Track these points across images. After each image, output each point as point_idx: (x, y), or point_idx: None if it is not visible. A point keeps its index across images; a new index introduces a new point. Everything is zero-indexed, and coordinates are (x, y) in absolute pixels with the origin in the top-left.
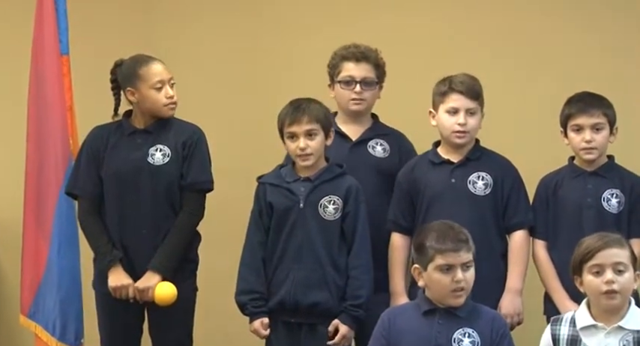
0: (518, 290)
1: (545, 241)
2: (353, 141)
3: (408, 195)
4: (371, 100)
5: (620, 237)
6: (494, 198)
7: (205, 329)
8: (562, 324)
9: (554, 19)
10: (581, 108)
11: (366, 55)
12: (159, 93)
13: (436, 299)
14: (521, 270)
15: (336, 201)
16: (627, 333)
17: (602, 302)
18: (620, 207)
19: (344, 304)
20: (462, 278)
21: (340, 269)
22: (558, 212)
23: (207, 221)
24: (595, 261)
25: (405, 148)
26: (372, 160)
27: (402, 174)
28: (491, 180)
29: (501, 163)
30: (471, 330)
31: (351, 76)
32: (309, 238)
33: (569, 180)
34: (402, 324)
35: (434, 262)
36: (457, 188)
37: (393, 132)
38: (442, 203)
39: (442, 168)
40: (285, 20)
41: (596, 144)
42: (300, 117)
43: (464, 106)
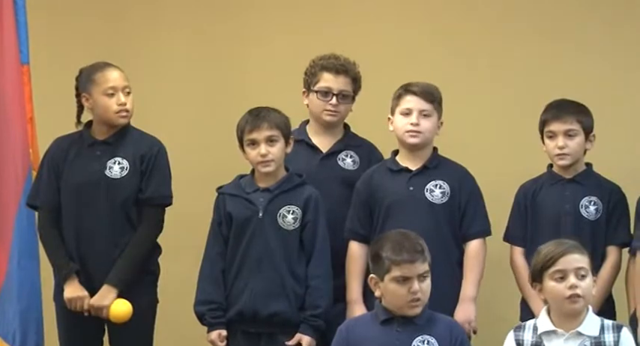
0: (471, 299)
1: (522, 248)
2: (323, 154)
3: (366, 203)
4: (344, 113)
5: (578, 243)
6: (451, 207)
7: (165, 339)
8: (525, 331)
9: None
10: (555, 114)
11: (346, 68)
12: (110, 100)
13: (393, 309)
14: (475, 279)
15: (295, 210)
16: (585, 339)
17: (566, 307)
18: (598, 214)
19: (304, 314)
20: (418, 289)
21: (299, 279)
22: (537, 218)
23: (167, 231)
24: (557, 267)
25: (375, 160)
26: (342, 172)
27: (360, 182)
28: (449, 188)
29: (459, 172)
30: (430, 337)
31: (329, 88)
32: (268, 248)
33: (548, 187)
34: (360, 334)
35: (390, 273)
36: (414, 196)
37: (364, 143)
38: (400, 211)
39: (400, 176)
40: (246, 31)
41: (569, 150)
42: (260, 124)
43: (417, 107)
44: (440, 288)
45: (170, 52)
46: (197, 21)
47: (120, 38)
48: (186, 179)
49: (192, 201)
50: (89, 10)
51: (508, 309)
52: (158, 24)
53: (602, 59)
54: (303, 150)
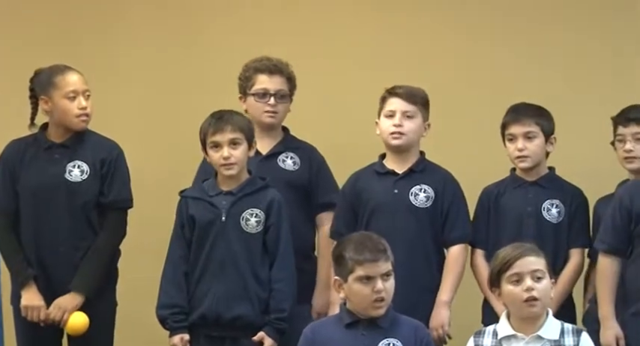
0: (446, 303)
1: (484, 250)
2: (263, 155)
3: (352, 205)
4: (283, 113)
5: (534, 246)
6: (434, 211)
7: (126, 343)
8: (485, 336)
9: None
10: (514, 117)
11: (280, 68)
12: (71, 103)
13: (357, 310)
14: (453, 284)
15: (258, 213)
16: (545, 342)
17: (524, 311)
18: (560, 217)
19: (268, 317)
20: (382, 288)
21: (263, 282)
22: (500, 221)
23: (130, 235)
24: (514, 270)
25: (315, 161)
26: (282, 174)
27: (346, 185)
28: (433, 192)
29: (443, 177)
30: (395, 340)
31: (265, 89)
32: (231, 251)
33: (511, 189)
34: (324, 337)
35: (354, 273)
36: (399, 199)
37: (303, 145)
38: (383, 213)
39: (386, 179)
40: (205, 34)
41: (528, 152)
42: (223, 127)
43: (400, 109)
44: (419, 291)
45: (128, 54)
46: (154, 23)
47: (74, 40)
48: (148, 183)
49: (154, 204)
50: (45, 13)
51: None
52: (114, 26)
53: (566, 62)
54: None
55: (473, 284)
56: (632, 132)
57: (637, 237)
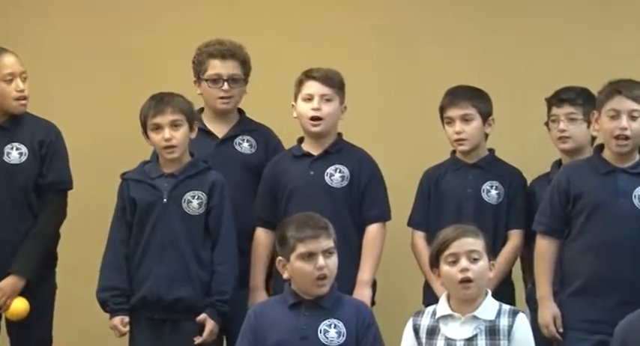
0: (367, 282)
1: (424, 232)
2: (219, 139)
3: (271, 189)
4: (238, 97)
5: (475, 227)
6: (351, 191)
7: (66, 326)
8: (424, 316)
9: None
10: (451, 100)
11: (233, 52)
12: (9, 86)
13: (301, 289)
14: (373, 263)
15: (200, 195)
16: (480, 322)
17: (459, 292)
18: (500, 198)
19: (210, 299)
20: (324, 264)
21: (204, 264)
22: (440, 203)
23: (70, 217)
24: (450, 251)
25: (272, 144)
26: (239, 157)
27: (266, 169)
28: (348, 172)
29: (359, 156)
30: (337, 321)
31: (218, 74)
32: (172, 233)
33: (451, 172)
34: (268, 319)
35: (295, 251)
36: (315, 180)
37: (260, 127)
38: (301, 195)
39: (302, 161)
40: (144, 15)
41: (466, 135)
42: (164, 108)
43: (318, 92)
44: (339, 272)
45: (66, 36)
46: (93, 4)
47: (12, 22)
48: (89, 165)
49: (95, 186)
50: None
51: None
52: (51, 5)
53: (504, 43)
54: (199, 137)
55: (414, 266)
56: (565, 112)
57: (574, 217)
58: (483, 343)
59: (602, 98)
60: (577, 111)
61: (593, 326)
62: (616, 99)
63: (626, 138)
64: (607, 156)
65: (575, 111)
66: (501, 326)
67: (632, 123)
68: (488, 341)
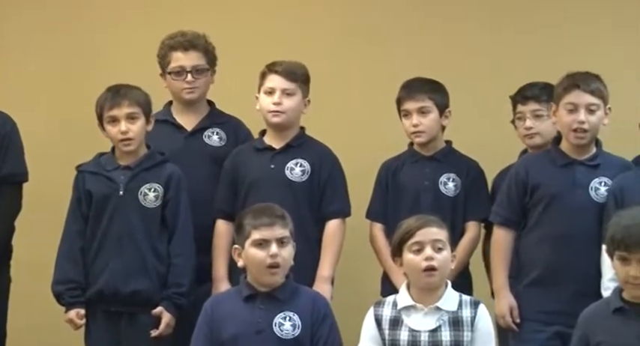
0: (327, 278)
1: (382, 224)
2: (188, 132)
3: (231, 181)
4: (204, 87)
5: (437, 218)
6: (311, 186)
7: (21, 320)
8: (385, 306)
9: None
10: (407, 93)
11: (194, 43)
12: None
13: (254, 278)
14: (332, 258)
15: (156, 188)
16: (443, 313)
17: (422, 280)
18: (457, 190)
19: (166, 292)
20: (277, 253)
21: (161, 257)
22: (397, 195)
23: (24, 210)
24: (415, 239)
25: (242, 135)
26: (208, 149)
27: (227, 161)
28: (309, 167)
29: (320, 151)
30: (292, 313)
31: (181, 66)
32: (128, 226)
33: (409, 164)
34: (224, 311)
35: (250, 238)
36: (275, 174)
37: (230, 120)
38: (260, 188)
39: (263, 154)
40: (101, 6)
41: (423, 127)
42: (120, 101)
43: (279, 86)
44: (298, 267)
45: (22, 28)
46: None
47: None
48: (44, 157)
49: (50, 179)
50: None
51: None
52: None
53: (463, 32)
54: (168, 130)
55: (372, 257)
56: (530, 109)
57: (531, 208)
58: (447, 334)
59: (560, 91)
60: (542, 107)
61: (549, 317)
62: (574, 93)
63: (584, 131)
64: (565, 148)
65: (541, 107)
66: (464, 317)
67: (590, 116)
68: (452, 333)
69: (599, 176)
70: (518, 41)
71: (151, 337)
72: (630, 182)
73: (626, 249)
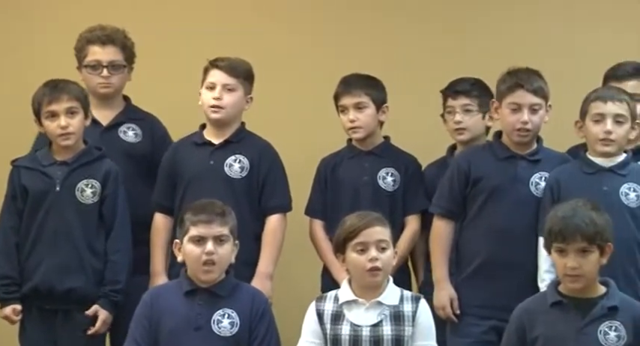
0: (268, 274)
1: (322, 220)
2: (104, 126)
3: (170, 175)
4: (120, 84)
5: (380, 215)
6: (250, 182)
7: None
8: (326, 301)
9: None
10: (344, 88)
11: (112, 38)
12: None
13: (192, 274)
14: (273, 254)
15: (94, 184)
16: (385, 308)
17: (366, 280)
18: (396, 185)
19: (103, 289)
20: (213, 250)
21: (98, 254)
22: (337, 191)
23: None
24: (359, 239)
25: (158, 133)
26: (124, 145)
27: (166, 155)
28: (248, 163)
29: (260, 147)
30: (231, 310)
31: (97, 60)
32: (65, 222)
33: (348, 160)
34: (163, 305)
35: (188, 234)
36: (214, 170)
37: (146, 116)
38: (199, 184)
39: (203, 150)
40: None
41: (360, 123)
42: (59, 96)
43: (220, 81)
44: (238, 263)
45: None
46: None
47: None
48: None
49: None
50: None
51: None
52: None
53: (399, 27)
54: None
55: (312, 253)
56: (460, 104)
57: (472, 201)
58: (388, 329)
59: (503, 90)
60: (472, 102)
61: (486, 311)
62: (517, 93)
63: (527, 130)
64: (507, 142)
65: (471, 102)
66: (405, 312)
67: (533, 116)
68: (394, 327)
69: (540, 171)
70: (452, 36)
71: (87, 335)
72: (566, 175)
73: (564, 241)
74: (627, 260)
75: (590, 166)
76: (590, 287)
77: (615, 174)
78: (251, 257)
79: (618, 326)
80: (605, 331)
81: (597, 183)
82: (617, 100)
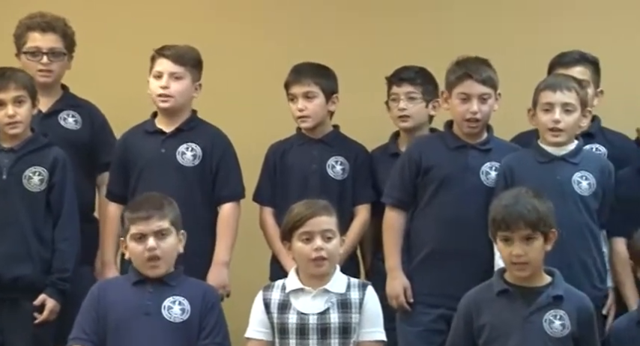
0: (224, 263)
1: (272, 208)
2: (43, 113)
3: (122, 164)
4: (59, 71)
5: (328, 204)
6: (203, 170)
7: None
8: (274, 290)
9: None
10: (294, 77)
11: (53, 26)
12: None
13: (138, 270)
14: (228, 243)
15: (41, 172)
16: (332, 296)
17: (311, 269)
18: (345, 174)
19: (50, 277)
20: (155, 246)
21: (46, 242)
22: (285, 179)
23: None
24: (305, 229)
25: (97, 120)
26: (63, 132)
27: (117, 143)
28: (200, 151)
29: (212, 134)
30: (182, 298)
31: (37, 47)
32: (12, 210)
33: (297, 147)
34: (111, 296)
35: (129, 232)
36: (166, 158)
37: (85, 104)
38: (151, 173)
39: (154, 138)
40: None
41: (308, 112)
42: (6, 84)
43: (167, 70)
44: (193, 252)
45: None
46: None
47: None
48: None
49: None
50: None
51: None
52: None
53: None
54: None
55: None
56: (405, 91)
57: (422, 190)
58: (335, 316)
59: (452, 80)
60: (416, 90)
61: (435, 299)
62: (467, 83)
63: (477, 120)
64: (457, 132)
65: (415, 90)
66: (352, 299)
67: (482, 106)
68: (341, 314)
69: (491, 160)
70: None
71: (35, 323)
72: (520, 163)
73: (508, 229)
74: (581, 248)
75: (543, 155)
76: (536, 276)
77: (567, 163)
78: (205, 245)
79: (563, 315)
80: (550, 320)
81: (550, 172)
82: (566, 89)
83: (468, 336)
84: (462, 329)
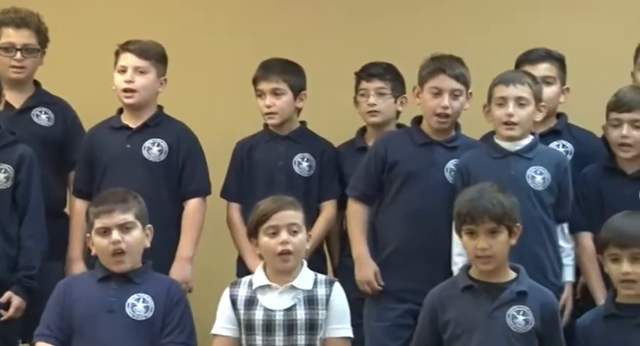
0: (188, 258)
1: (239, 204)
2: (16, 109)
3: (87, 160)
4: (32, 67)
5: (294, 199)
6: (169, 165)
7: None
8: (240, 286)
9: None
10: (262, 73)
11: (27, 21)
12: None
13: (104, 264)
14: (192, 238)
15: (7, 169)
16: (299, 292)
17: (278, 264)
18: (311, 170)
19: (17, 275)
20: (119, 239)
21: (11, 240)
22: (253, 174)
23: None
24: (270, 223)
25: (69, 117)
26: (36, 129)
27: (84, 139)
28: (167, 146)
29: (178, 130)
30: (146, 295)
31: (11, 43)
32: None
33: (263, 143)
34: (77, 291)
35: (94, 226)
36: (132, 154)
37: (57, 101)
38: (117, 169)
39: (120, 134)
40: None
41: (276, 108)
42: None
43: (131, 64)
44: (157, 247)
45: None
46: None
47: None
48: None
49: None
50: None
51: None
52: None
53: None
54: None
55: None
56: (375, 86)
57: (387, 185)
58: (302, 312)
59: (425, 75)
60: (386, 86)
61: (402, 294)
62: (439, 77)
63: (447, 115)
64: (425, 129)
65: (384, 86)
66: (319, 296)
67: (454, 102)
68: (307, 311)
69: (456, 158)
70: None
71: (0, 320)
72: (474, 160)
73: (473, 222)
74: (536, 243)
75: (497, 151)
76: (501, 272)
77: (522, 158)
78: (170, 241)
79: (526, 310)
80: (514, 315)
81: (505, 167)
82: (519, 83)
83: (434, 332)
84: (428, 325)
